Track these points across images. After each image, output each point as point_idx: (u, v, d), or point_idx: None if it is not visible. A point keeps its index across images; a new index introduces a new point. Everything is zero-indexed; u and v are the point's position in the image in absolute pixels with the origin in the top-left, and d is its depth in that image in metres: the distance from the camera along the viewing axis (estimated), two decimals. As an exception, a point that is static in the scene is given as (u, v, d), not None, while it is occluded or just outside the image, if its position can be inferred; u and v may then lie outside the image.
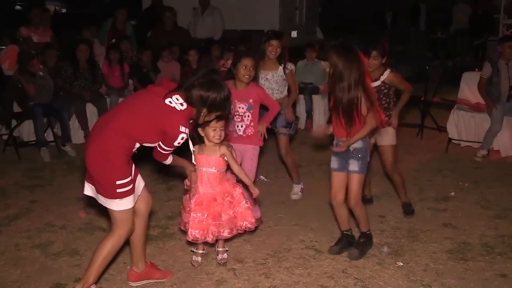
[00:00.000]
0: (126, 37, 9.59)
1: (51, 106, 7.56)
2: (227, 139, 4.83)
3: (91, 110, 8.15)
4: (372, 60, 4.91)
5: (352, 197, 4.33)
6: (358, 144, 4.24)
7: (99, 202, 3.66)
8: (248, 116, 4.82)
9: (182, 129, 3.53)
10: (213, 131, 3.97)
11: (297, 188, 5.86)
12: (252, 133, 4.87)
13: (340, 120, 4.22)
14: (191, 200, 4.06)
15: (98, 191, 3.60)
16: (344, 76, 4.05)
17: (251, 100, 4.79)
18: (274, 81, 5.44)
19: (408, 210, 5.30)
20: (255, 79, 5.00)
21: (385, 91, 5.05)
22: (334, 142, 4.37)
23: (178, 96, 3.59)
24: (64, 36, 10.04)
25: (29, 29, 9.08)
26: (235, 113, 4.82)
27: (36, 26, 9.12)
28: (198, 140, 4.10)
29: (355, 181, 4.29)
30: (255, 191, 4.11)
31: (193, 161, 4.04)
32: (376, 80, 4.99)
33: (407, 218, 5.22)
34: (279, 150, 5.73)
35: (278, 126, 5.55)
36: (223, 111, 3.73)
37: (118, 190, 3.52)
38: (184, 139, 3.58)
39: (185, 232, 4.19)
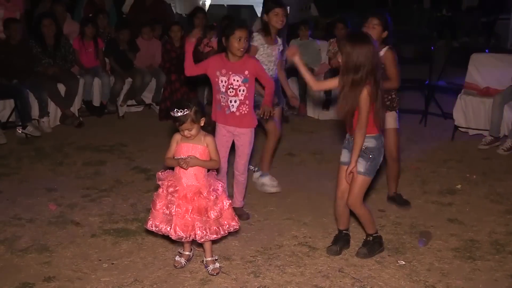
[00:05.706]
0: (104, 11, 9.51)
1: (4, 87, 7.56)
2: (214, 119, 4.81)
3: (61, 90, 8.12)
4: (370, 29, 4.81)
5: (350, 197, 4.24)
6: (370, 143, 4.15)
7: None
8: (243, 90, 4.74)
9: None
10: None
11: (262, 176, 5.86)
12: (246, 111, 4.80)
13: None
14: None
15: None
16: (357, 68, 3.98)
17: (246, 72, 4.73)
18: (274, 56, 5.40)
19: (400, 201, 5.31)
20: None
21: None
22: (347, 137, 4.32)
23: None
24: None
25: None
26: (229, 86, 4.74)
27: None
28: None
29: (358, 182, 4.19)
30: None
31: None
32: None
33: (406, 211, 5.18)
34: None
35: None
36: None
37: None
38: None
39: (152, 233, 4.19)
